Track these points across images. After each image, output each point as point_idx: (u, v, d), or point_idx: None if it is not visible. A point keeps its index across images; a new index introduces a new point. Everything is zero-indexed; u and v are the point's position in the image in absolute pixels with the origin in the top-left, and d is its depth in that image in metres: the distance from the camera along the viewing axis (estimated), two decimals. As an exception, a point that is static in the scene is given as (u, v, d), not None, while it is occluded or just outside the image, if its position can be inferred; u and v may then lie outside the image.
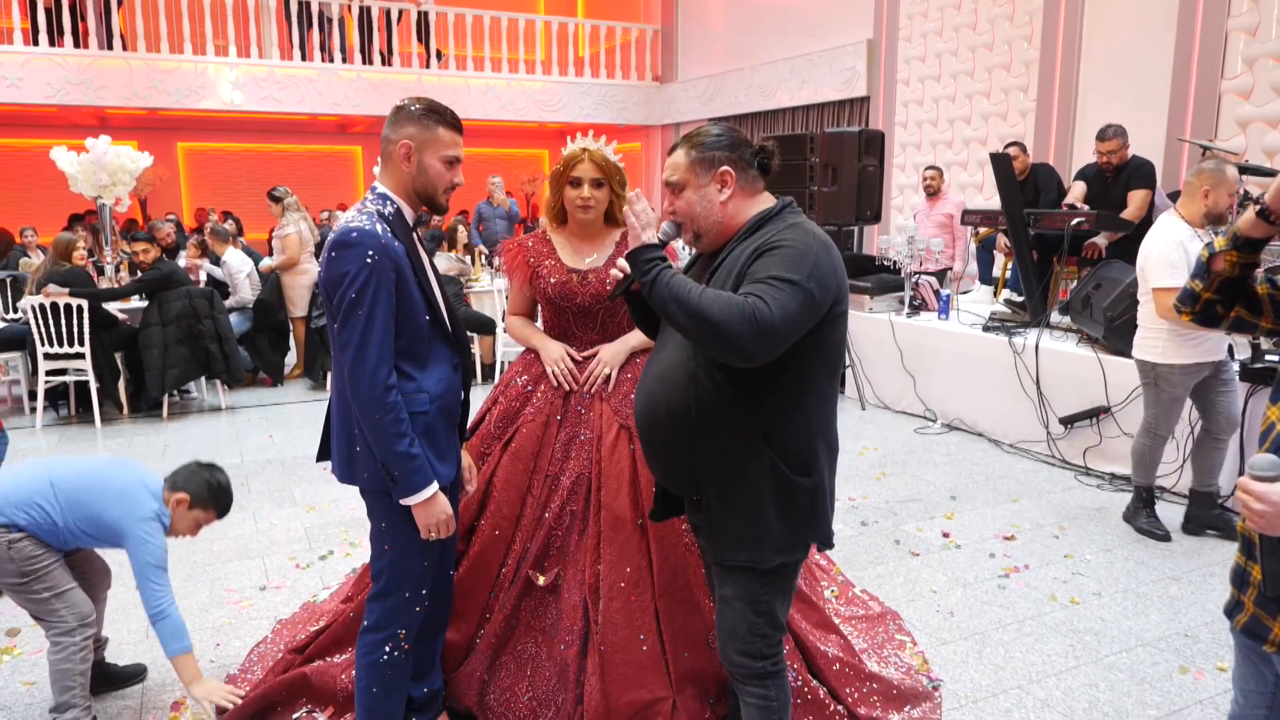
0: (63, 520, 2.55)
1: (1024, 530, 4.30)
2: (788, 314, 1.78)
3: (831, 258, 1.90)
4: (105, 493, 2.60)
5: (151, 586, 2.54)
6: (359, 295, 2.00)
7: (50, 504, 2.55)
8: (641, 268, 1.91)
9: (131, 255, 7.13)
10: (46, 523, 2.54)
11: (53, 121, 13.28)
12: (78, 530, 2.58)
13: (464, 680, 2.60)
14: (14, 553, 2.52)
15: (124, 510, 2.58)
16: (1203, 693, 2.92)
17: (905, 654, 3.07)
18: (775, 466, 1.92)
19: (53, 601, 2.57)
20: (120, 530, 2.57)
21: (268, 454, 5.66)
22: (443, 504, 2.13)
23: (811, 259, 1.85)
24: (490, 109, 13.26)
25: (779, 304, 1.78)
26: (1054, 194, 6.89)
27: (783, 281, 1.81)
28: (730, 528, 1.96)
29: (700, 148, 2.00)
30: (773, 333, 1.77)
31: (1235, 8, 6.78)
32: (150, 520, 2.60)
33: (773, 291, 1.79)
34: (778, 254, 1.86)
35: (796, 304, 1.80)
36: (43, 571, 2.55)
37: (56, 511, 2.55)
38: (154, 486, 2.68)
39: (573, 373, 2.68)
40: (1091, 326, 5.20)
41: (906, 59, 9.92)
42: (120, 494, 2.60)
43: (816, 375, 1.95)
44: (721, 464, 1.95)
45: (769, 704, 2.09)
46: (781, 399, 1.92)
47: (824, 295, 1.85)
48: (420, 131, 2.13)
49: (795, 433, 1.93)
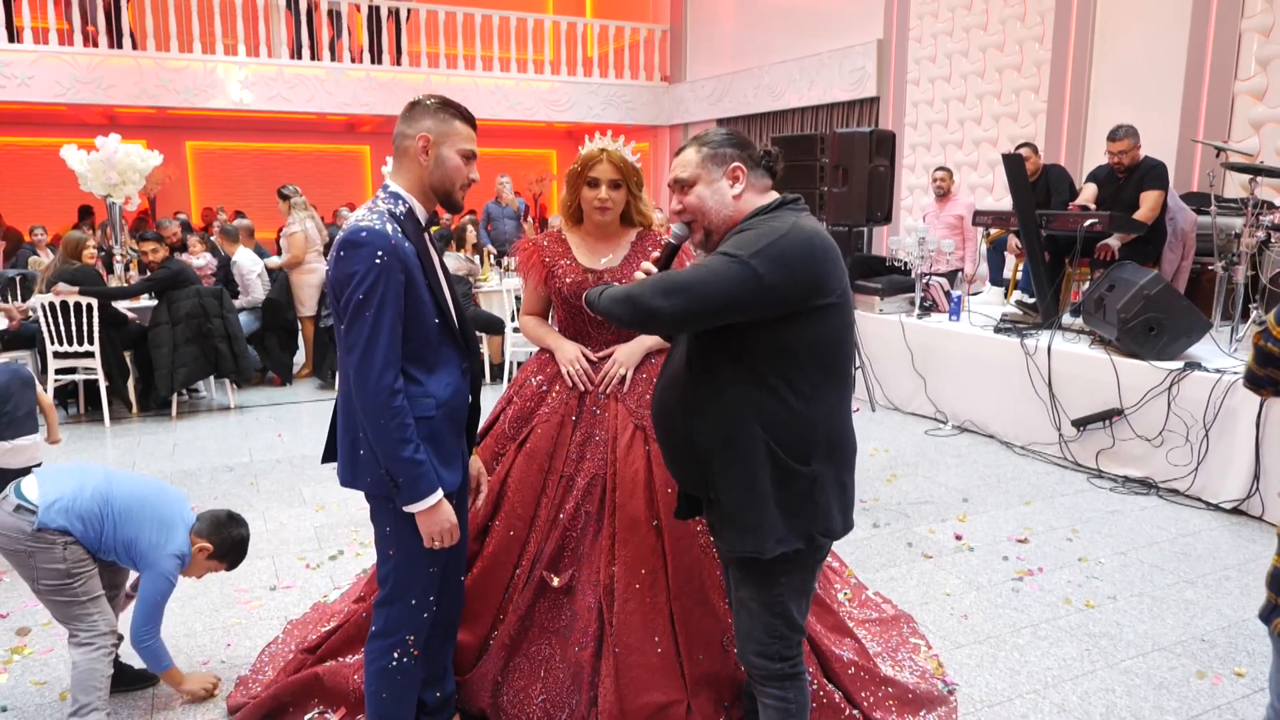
0: (108, 537, 2.61)
1: (1037, 533, 4.27)
2: (707, 276, 1.83)
3: (810, 247, 1.87)
4: (149, 521, 2.67)
5: (147, 617, 2.65)
6: (366, 296, 1.96)
7: (104, 519, 2.61)
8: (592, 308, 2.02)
9: (140, 254, 7.14)
10: (94, 535, 2.60)
11: (62, 120, 13.32)
12: (114, 547, 2.63)
13: (477, 682, 2.59)
14: (68, 554, 2.56)
15: (159, 540, 2.66)
16: (1220, 698, 2.89)
17: (920, 658, 3.05)
18: (774, 454, 1.92)
19: (88, 605, 2.60)
20: (149, 560, 2.64)
21: (276, 453, 5.66)
22: (446, 512, 2.09)
23: (767, 240, 1.85)
24: (499, 109, 13.27)
25: (700, 269, 1.85)
26: (1065, 195, 6.85)
27: (720, 255, 1.87)
28: (737, 517, 1.96)
29: (711, 145, 2.03)
30: (684, 290, 1.83)
31: (1249, 8, 6.74)
32: (176, 558, 2.68)
33: (704, 262, 1.87)
34: (735, 237, 1.91)
35: (727, 272, 1.83)
36: (86, 575, 2.60)
37: (108, 527, 2.61)
38: (191, 524, 2.76)
39: (588, 373, 2.66)
40: (1104, 328, 5.17)
41: (917, 59, 9.89)
42: (161, 524, 2.68)
43: (808, 368, 1.92)
44: (725, 456, 1.95)
45: (787, 706, 2.07)
46: (768, 386, 1.91)
47: (779, 277, 1.82)
48: (438, 125, 2.11)
49: (788, 421, 1.92)
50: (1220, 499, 4.53)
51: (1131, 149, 5.82)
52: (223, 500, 4.73)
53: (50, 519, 2.52)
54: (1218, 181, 6.16)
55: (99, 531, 2.59)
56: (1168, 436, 4.75)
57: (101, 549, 2.61)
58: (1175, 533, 4.27)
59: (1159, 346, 4.88)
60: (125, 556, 2.66)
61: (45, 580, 2.56)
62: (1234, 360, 4.80)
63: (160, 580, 2.65)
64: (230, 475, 5.18)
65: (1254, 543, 4.14)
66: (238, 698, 2.78)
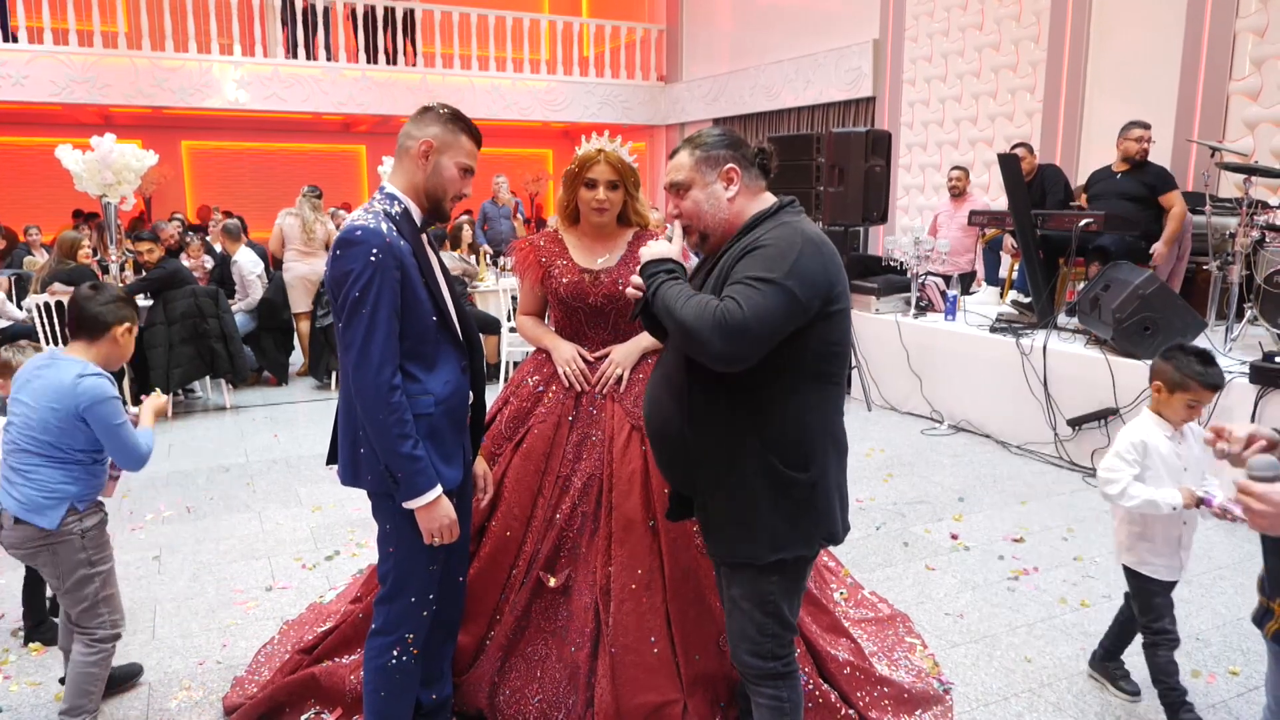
0: (65, 451, 2.52)
1: (1033, 532, 4.28)
2: (761, 313, 1.78)
3: (821, 256, 1.88)
4: (45, 406, 2.53)
5: (124, 444, 2.55)
6: (362, 294, 1.98)
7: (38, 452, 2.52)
8: (646, 282, 1.94)
9: (136, 255, 7.12)
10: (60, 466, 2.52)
11: (57, 120, 13.29)
12: (71, 449, 2.52)
13: (474, 682, 2.59)
14: (90, 537, 2.56)
15: (66, 395, 2.52)
16: (1215, 696, 2.90)
17: (916, 657, 3.06)
18: (769, 463, 1.92)
19: (100, 606, 2.59)
20: (75, 408, 2.51)
21: (273, 453, 5.65)
22: (446, 508, 2.10)
23: (793, 257, 1.84)
24: (495, 108, 13.26)
25: (752, 304, 1.78)
26: (1061, 194, 6.87)
27: (759, 281, 1.81)
28: (725, 525, 1.97)
29: (704, 147, 2.01)
30: (745, 333, 1.77)
31: (1244, 8, 6.76)
32: (94, 377, 2.55)
33: (747, 291, 1.80)
34: (759, 254, 1.86)
35: (773, 303, 1.79)
36: (103, 563, 2.60)
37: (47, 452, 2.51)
38: (73, 357, 2.61)
39: (585, 373, 2.66)
40: (1100, 328, 5.18)
41: (913, 59, 9.90)
42: (55, 392, 2.54)
43: (813, 373, 1.93)
44: (715, 460, 1.95)
45: (781, 705, 2.08)
46: (777, 397, 1.91)
47: (808, 293, 1.83)
48: (444, 133, 2.13)
49: (790, 428, 1.93)
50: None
51: (1148, 136, 5.94)
52: (219, 501, 4.74)
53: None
54: (1212, 181, 6.18)
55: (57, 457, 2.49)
56: (1163, 436, 4.76)
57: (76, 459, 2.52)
58: (1170, 532, 4.28)
59: (1154, 346, 4.88)
60: (78, 441, 2.51)
61: (74, 572, 2.55)
62: (1229, 360, 4.81)
63: (105, 410, 2.49)
64: (226, 476, 5.17)
65: (1248, 542, 4.15)
66: (234, 698, 2.78)
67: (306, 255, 7.75)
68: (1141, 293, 4.86)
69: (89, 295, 2.59)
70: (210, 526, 4.38)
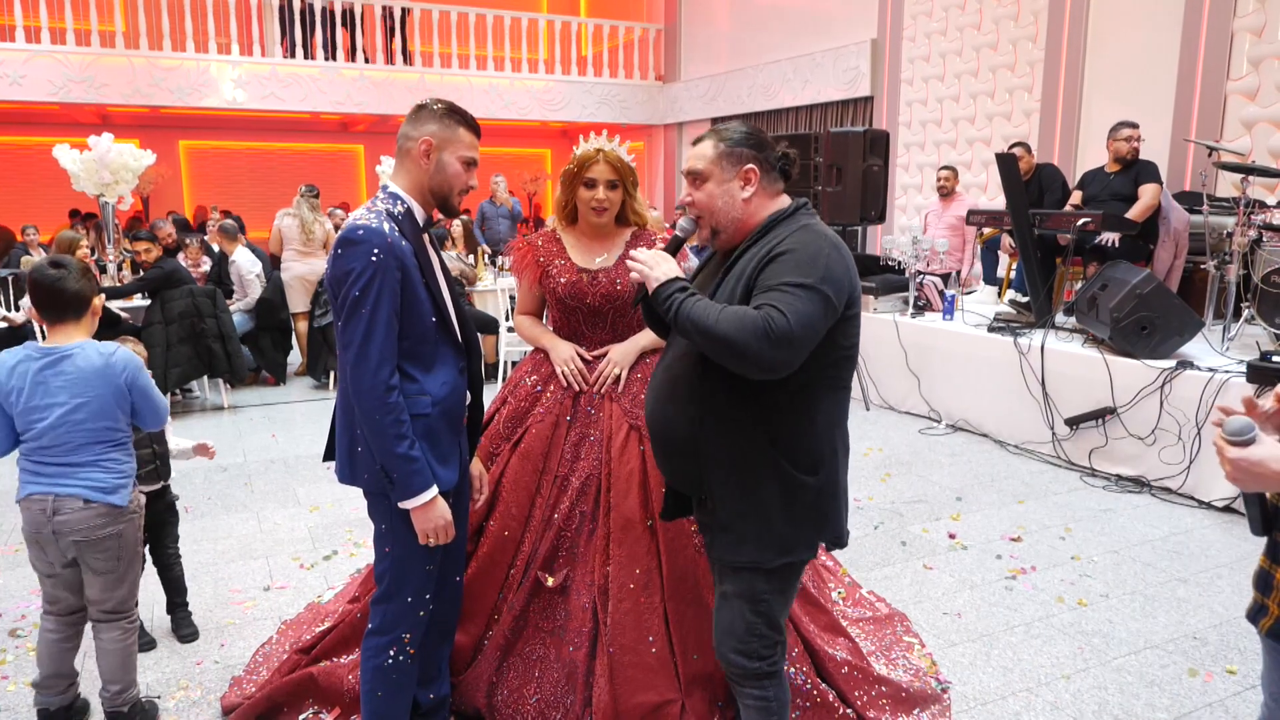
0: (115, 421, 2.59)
1: (1030, 532, 4.29)
2: (804, 319, 1.77)
3: (842, 258, 1.89)
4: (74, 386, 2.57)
5: (156, 406, 2.68)
6: (362, 293, 1.98)
7: None
8: (662, 306, 1.90)
9: (133, 254, 7.12)
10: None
11: (54, 119, 13.27)
12: (115, 415, 2.58)
13: (471, 682, 2.59)
14: (141, 514, 2.67)
15: (91, 368, 2.58)
16: (1212, 695, 2.91)
17: (913, 656, 3.06)
18: (781, 468, 1.91)
19: (133, 589, 2.68)
20: (107, 380, 2.56)
21: (270, 453, 5.65)
22: (441, 509, 2.10)
23: (823, 261, 1.84)
24: (493, 108, 13.25)
25: (794, 310, 1.76)
26: (1059, 194, 6.88)
27: (796, 286, 1.79)
28: (735, 528, 1.96)
29: (729, 141, 1.99)
30: (791, 340, 1.75)
31: (1241, 8, 6.77)
32: (110, 353, 2.61)
33: (786, 298, 1.78)
34: (789, 258, 1.85)
35: (813, 307, 1.79)
36: (137, 546, 2.68)
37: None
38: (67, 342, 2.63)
39: (583, 373, 2.66)
40: (1097, 327, 5.19)
41: (911, 59, 9.90)
42: (92, 379, 2.59)
43: (828, 376, 1.94)
44: (728, 465, 1.94)
45: (768, 704, 2.07)
46: (790, 400, 1.91)
47: (838, 296, 1.85)
48: (442, 130, 2.13)
49: (803, 432, 1.92)
50: (1212, 497, 4.55)
51: (1137, 135, 5.97)
52: (216, 500, 4.73)
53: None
54: (1210, 181, 6.18)
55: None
56: (1160, 435, 4.77)
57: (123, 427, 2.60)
58: (1167, 531, 4.29)
59: (1151, 345, 4.90)
60: (126, 416, 2.58)
61: (120, 559, 2.59)
62: (1226, 359, 4.82)
63: (143, 375, 2.58)
64: (224, 476, 5.17)
65: (1245, 541, 4.15)
66: (232, 698, 2.78)
67: (305, 255, 7.75)
68: (1139, 292, 4.87)
69: (60, 275, 2.53)
70: (208, 526, 4.38)
